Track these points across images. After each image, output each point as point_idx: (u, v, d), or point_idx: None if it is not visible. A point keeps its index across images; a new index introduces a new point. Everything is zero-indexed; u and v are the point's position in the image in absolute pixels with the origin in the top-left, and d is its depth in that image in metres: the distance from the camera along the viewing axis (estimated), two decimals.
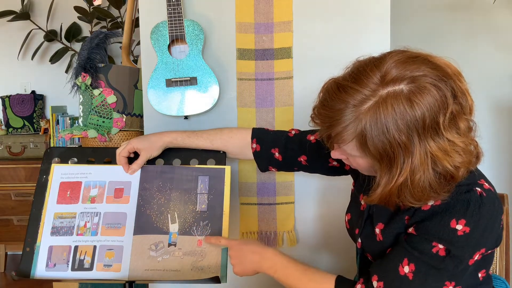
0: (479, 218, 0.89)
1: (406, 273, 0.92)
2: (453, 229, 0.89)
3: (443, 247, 0.90)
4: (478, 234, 0.90)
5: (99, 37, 1.86)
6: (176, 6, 1.48)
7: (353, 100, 0.86)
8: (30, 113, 3.12)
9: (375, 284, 0.95)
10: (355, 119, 0.86)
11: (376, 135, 0.84)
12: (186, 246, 1.23)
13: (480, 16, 2.75)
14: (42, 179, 1.31)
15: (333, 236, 1.62)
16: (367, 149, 0.87)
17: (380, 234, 1.04)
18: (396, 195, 0.89)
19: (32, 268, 1.21)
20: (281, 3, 1.54)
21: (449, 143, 0.85)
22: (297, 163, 1.31)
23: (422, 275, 0.92)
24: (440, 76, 0.85)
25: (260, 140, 1.33)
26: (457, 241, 0.89)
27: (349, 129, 0.87)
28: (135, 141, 1.30)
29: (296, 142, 1.30)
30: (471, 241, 0.90)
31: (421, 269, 0.92)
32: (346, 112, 0.86)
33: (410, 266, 0.92)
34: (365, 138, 0.86)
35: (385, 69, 0.86)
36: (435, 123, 0.83)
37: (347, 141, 0.89)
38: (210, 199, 1.29)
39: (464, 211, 0.89)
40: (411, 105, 0.83)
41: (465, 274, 0.94)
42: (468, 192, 0.90)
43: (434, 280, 0.92)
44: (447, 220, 0.90)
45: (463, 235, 0.89)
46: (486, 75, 2.78)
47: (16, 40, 3.08)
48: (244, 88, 1.57)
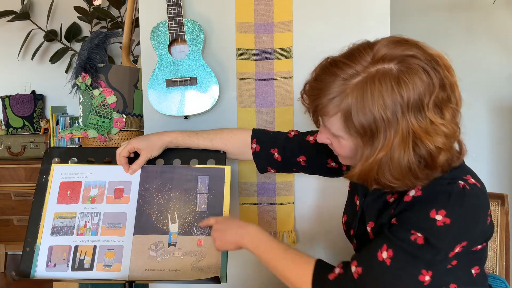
0: (461, 210, 0.89)
1: (384, 259, 0.92)
2: (433, 219, 0.89)
3: (421, 236, 0.90)
4: (459, 226, 0.89)
5: (99, 37, 1.86)
6: (176, 6, 1.48)
7: (343, 74, 0.89)
8: (30, 113, 3.12)
9: (353, 269, 0.96)
10: (342, 92, 0.89)
11: (361, 109, 0.87)
12: (186, 246, 1.23)
13: (480, 16, 2.75)
14: (42, 179, 1.31)
15: (333, 236, 1.62)
16: (352, 124, 0.89)
17: (371, 232, 1.04)
18: (376, 171, 0.91)
19: (32, 268, 1.21)
20: (281, 3, 1.54)
21: (431, 124, 0.87)
22: (296, 164, 1.31)
23: (399, 261, 0.92)
24: (430, 62, 0.88)
25: (260, 140, 1.33)
26: (436, 231, 0.89)
27: (335, 101, 0.90)
28: (135, 141, 1.30)
29: (295, 142, 1.30)
30: (450, 233, 0.89)
31: (399, 256, 0.92)
32: (334, 84, 0.90)
33: (389, 252, 0.92)
34: (350, 113, 0.88)
35: (377, 48, 0.90)
36: (419, 103, 0.86)
37: (331, 114, 0.91)
38: (210, 199, 1.29)
39: (445, 202, 0.89)
40: (398, 84, 0.85)
41: (444, 266, 0.94)
42: (450, 184, 0.91)
43: (411, 267, 0.92)
44: (427, 210, 0.90)
45: (442, 225, 0.89)
46: (486, 75, 2.78)
47: (16, 40, 3.08)
48: (244, 88, 1.57)
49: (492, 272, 1.30)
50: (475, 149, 2.80)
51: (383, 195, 1.03)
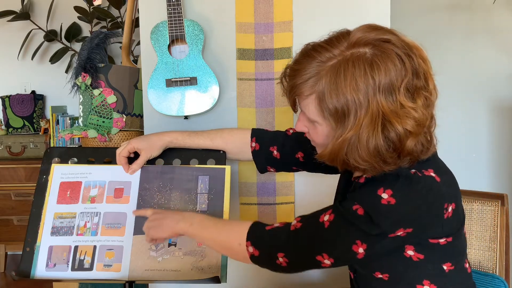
0: (407, 194, 0.90)
1: (324, 221, 0.96)
2: (378, 196, 0.90)
3: (362, 210, 0.92)
4: (403, 209, 0.90)
5: (99, 37, 1.86)
6: (176, 6, 1.48)
7: (320, 57, 0.92)
8: (30, 113, 3.12)
9: (293, 222, 1.00)
10: (317, 73, 0.92)
11: (334, 90, 0.89)
12: (186, 246, 1.23)
13: (480, 16, 2.75)
14: (42, 179, 1.31)
15: None
16: (325, 106, 0.91)
17: None
18: (345, 151, 0.92)
19: (32, 268, 1.21)
20: (281, 3, 1.54)
21: (401, 107, 0.89)
22: (295, 160, 1.31)
23: (336, 225, 0.94)
24: (405, 49, 0.91)
25: (259, 139, 1.34)
26: (377, 208, 0.90)
27: (310, 82, 0.93)
28: (135, 141, 1.30)
29: (293, 139, 1.31)
30: (393, 213, 0.90)
31: (337, 220, 0.95)
32: (311, 65, 0.93)
33: (330, 216, 0.95)
34: (324, 94, 0.91)
35: (353, 33, 0.93)
36: (391, 86, 0.88)
37: (306, 94, 0.94)
38: (210, 199, 1.29)
39: (393, 183, 0.91)
40: (371, 67, 0.88)
41: (382, 245, 0.93)
42: (402, 170, 0.93)
43: (346, 233, 0.93)
44: (374, 188, 0.92)
45: (386, 204, 0.90)
46: (486, 75, 2.78)
47: (16, 40, 3.08)
48: (244, 88, 1.57)
49: (492, 272, 1.30)
50: (475, 149, 2.80)
51: (350, 176, 1.07)
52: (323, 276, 1.62)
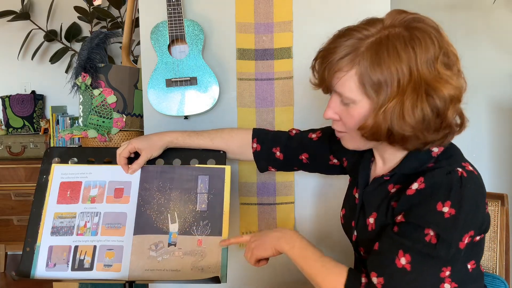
0: (461, 198, 0.91)
1: (404, 265, 0.93)
2: (440, 212, 0.90)
3: (433, 233, 0.91)
4: (464, 215, 0.90)
5: (99, 37, 1.86)
6: (176, 6, 1.48)
7: (358, 34, 0.94)
8: (30, 113, 3.12)
9: (375, 280, 0.95)
10: (356, 49, 0.93)
11: (377, 63, 0.91)
12: (186, 246, 1.23)
13: (480, 16, 2.75)
14: (42, 179, 1.31)
15: (333, 236, 1.62)
16: (368, 80, 0.92)
17: (374, 223, 1.05)
18: (389, 121, 0.93)
19: (32, 268, 1.21)
20: (281, 3, 1.54)
21: (439, 75, 0.92)
22: (298, 162, 1.31)
23: (419, 264, 0.92)
24: (437, 28, 0.97)
25: (260, 140, 1.34)
26: (445, 224, 0.90)
27: (349, 57, 0.94)
28: (136, 141, 1.30)
29: (297, 140, 1.31)
30: (458, 223, 0.90)
31: (417, 259, 0.92)
32: (349, 42, 0.94)
33: (406, 257, 0.92)
34: (366, 69, 0.92)
35: (386, 16, 0.98)
36: (430, 57, 0.92)
37: (345, 70, 0.94)
38: (210, 198, 1.29)
39: (448, 193, 0.91)
40: (411, 41, 0.91)
41: (459, 258, 0.95)
42: (449, 173, 0.93)
43: (431, 267, 0.92)
44: (433, 203, 0.91)
45: (449, 217, 0.90)
46: (486, 75, 2.77)
47: (16, 40, 3.08)
48: (244, 88, 1.57)
49: (492, 272, 1.30)
50: (475, 149, 2.80)
51: (384, 183, 1.04)
52: None
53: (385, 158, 1.07)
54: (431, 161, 0.99)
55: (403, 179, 1.01)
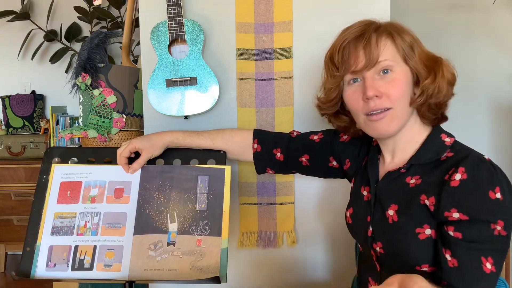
0: (503, 181, 0.93)
1: (491, 269, 0.91)
2: (495, 199, 0.91)
3: (501, 227, 0.90)
4: (509, 196, 0.92)
5: (99, 37, 1.86)
6: (176, 6, 1.48)
7: (361, 24, 1.06)
8: (30, 113, 3.12)
9: None
10: (378, 28, 1.04)
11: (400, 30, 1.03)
12: (185, 245, 1.23)
13: (480, 16, 2.75)
14: (43, 179, 1.31)
15: (333, 236, 1.62)
16: (399, 41, 1.01)
17: (394, 215, 1.03)
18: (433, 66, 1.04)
19: (32, 268, 1.21)
20: (281, 3, 1.54)
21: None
22: (298, 164, 1.31)
23: (499, 261, 0.92)
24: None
25: (261, 140, 1.34)
26: (505, 210, 0.91)
27: (379, 31, 1.02)
28: (136, 141, 1.30)
29: (299, 142, 1.31)
30: (509, 205, 0.91)
31: (498, 258, 0.92)
32: (361, 27, 1.04)
33: (489, 261, 0.91)
34: (393, 34, 1.02)
35: None
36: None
37: (384, 37, 1.01)
38: (210, 198, 1.29)
39: (492, 179, 0.92)
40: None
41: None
42: (481, 160, 0.96)
43: (502, 260, 0.94)
44: (485, 193, 0.91)
45: (503, 201, 0.91)
46: (486, 75, 2.78)
47: (16, 40, 3.08)
48: (244, 88, 1.57)
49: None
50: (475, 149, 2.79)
51: (400, 176, 1.05)
52: (326, 276, 1.62)
53: (396, 152, 1.08)
54: (446, 150, 1.02)
55: (421, 170, 1.02)
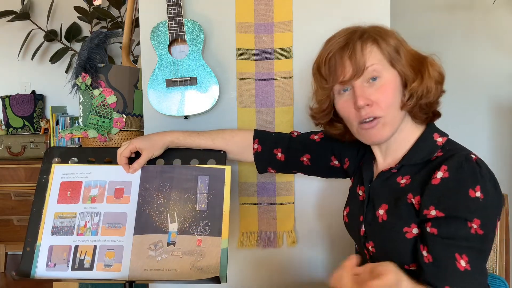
0: (486, 181, 0.92)
1: (465, 267, 0.91)
2: (474, 198, 0.90)
3: (477, 225, 0.90)
4: (491, 196, 0.92)
5: (99, 37, 1.86)
6: (176, 6, 1.48)
7: (345, 32, 1.06)
8: (30, 113, 3.12)
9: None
10: (363, 33, 1.03)
11: (384, 36, 1.03)
12: (185, 245, 1.23)
13: (480, 16, 2.75)
14: (43, 179, 1.31)
15: (333, 236, 1.62)
16: (384, 46, 1.01)
17: (384, 214, 1.04)
18: (426, 87, 1.03)
19: (32, 268, 1.21)
20: (281, 3, 1.54)
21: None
22: (299, 163, 1.32)
23: (476, 260, 0.92)
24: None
25: (262, 141, 1.34)
26: (483, 209, 0.90)
27: (364, 37, 1.02)
28: (137, 141, 1.31)
29: (299, 142, 1.31)
30: (492, 205, 0.92)
31: (472, 256, 0.91)
32: (345, 36, 1.04)
33: (464, 258, 0.91)
34: (378, 40, 1.02)
35: None
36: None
37: (369, 44, 1.01)
38: (210, 198, 1.29)
39: (474, 177, 0.91)
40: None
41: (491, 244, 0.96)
42: (467, 158, 0.94)
43: (484, 258, 0.94)
44: (465, 191, 0.91)
45: (483, 201, 0.90)
46: (486, 75, 2.77)
47: (16, 40, 3.08)
48: (244, 88, 1.57)
49: (492, 272, 1.30)
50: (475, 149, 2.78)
51: (392, 176, 1.05)
52: (326, 276, 1.62)
53: (388, 153, 1.09)
54: (437, 150, 1.01)
55: (411, 170, 1.02)
